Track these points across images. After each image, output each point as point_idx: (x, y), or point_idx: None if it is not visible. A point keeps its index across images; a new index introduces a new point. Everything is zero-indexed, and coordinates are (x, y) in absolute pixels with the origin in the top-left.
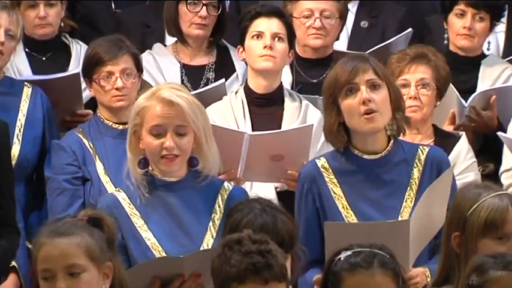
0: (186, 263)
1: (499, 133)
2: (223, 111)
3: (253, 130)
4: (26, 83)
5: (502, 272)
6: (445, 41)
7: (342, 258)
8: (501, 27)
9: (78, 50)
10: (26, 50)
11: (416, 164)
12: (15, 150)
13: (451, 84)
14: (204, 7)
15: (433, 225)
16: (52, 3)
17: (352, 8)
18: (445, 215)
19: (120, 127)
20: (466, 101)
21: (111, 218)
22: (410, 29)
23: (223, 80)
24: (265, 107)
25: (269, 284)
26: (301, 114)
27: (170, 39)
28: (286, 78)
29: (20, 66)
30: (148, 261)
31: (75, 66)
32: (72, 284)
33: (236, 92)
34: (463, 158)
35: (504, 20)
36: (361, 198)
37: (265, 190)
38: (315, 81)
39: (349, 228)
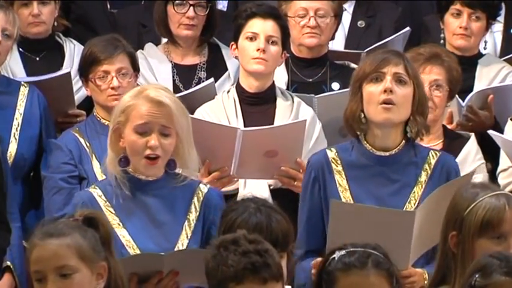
0: (167, 260)
1: (490, 132)
2: (215, 110)
3: None
4: (22, 82)
5: (505, 278)
6: (442, 41)
7: (336, 258)
8: (498, 27)
9: (72, 49)
10: (20, 49)
11: (426, 168)
12: (12, 149)
13: None
14: (191, 8)
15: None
16: (45, 2)
17: (349, 7)
18: None
19: None
20: (463, 101)
21: (106, 218)
22: (408, 28)
23: (212, 79)
24: (257, 105)
25: (267, 284)
26: (293, 112)
27: (166, 39)
28: (282, 78)
29: (13, 66)
30: (129, 257)
31: (68, 66)
32: (63, 285)
33: (228, 91)
34: (471, 159)
35: (501, 19)
36: (366, 193)
37: (259, 188)
38: (310, 80)
39: (354, 210)
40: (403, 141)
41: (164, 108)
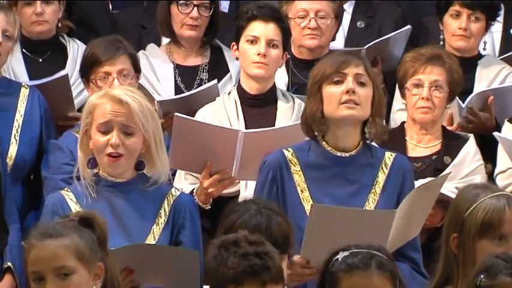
0: (117, 255)
1: (495, 133)
2: (216, 112)
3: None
4: (23, 83)
5: (511, 279)
6: (441, 42)
7: (339, 259)
8: (497, 27)
9: (75, 49)
10: (23, 50)
11: (382, 168)
12: (13, 150)
13: None
14: (195, 8)
15: (409, 230)
16: (49, 1)
17: (349, 8)
18: (420, 229)
19: None
20: (463, 102)
21: (103, 218)
22: (409, 26)
23: (215, 80)
24: (258, 107)
25: (267, 286)
26: (294, 114)
27: (166, 40)
28: (282, 79)
29: (15, 68)
30: None
31: (71, 67)
32: (61, 285)
33: (229, 93)
34: (470, 160)
35: (500, 19)
36: (325, 194)
37: None
38: None
39: (336, 213)
40: (361, 142)
41: (124, 107)
